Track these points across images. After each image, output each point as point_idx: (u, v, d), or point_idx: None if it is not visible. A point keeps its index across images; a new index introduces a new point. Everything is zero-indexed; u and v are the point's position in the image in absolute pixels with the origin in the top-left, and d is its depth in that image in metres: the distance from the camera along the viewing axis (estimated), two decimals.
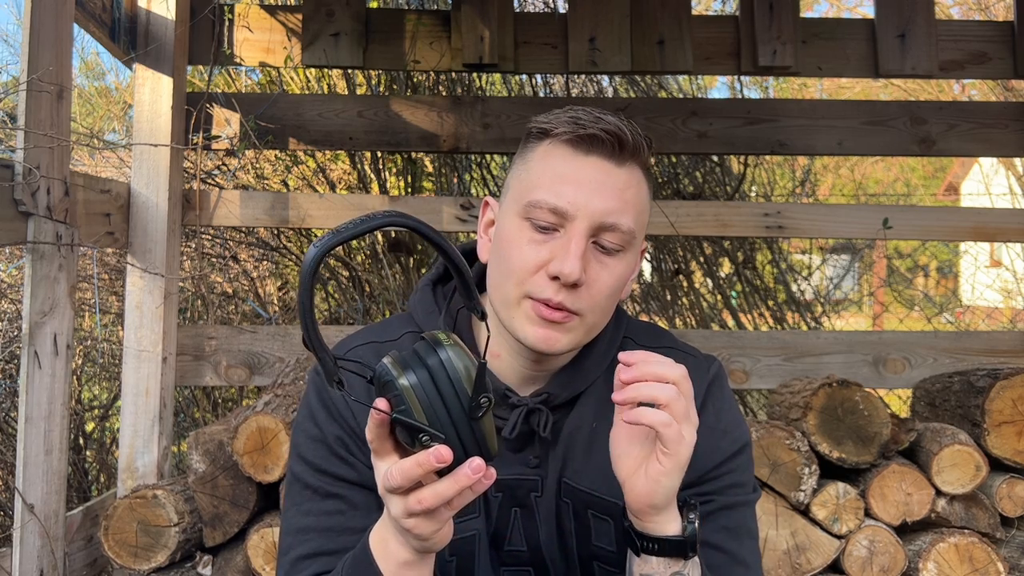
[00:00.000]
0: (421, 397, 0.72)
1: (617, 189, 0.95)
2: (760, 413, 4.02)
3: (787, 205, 2.73)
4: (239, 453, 1.95)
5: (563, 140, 0.96)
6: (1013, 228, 2.73)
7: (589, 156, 0.95)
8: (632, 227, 0.96)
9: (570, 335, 0.95)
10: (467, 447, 0.74)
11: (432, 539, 0.79)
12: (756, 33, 2.67)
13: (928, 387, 2.46)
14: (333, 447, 0.99)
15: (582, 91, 3.89)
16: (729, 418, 1.05)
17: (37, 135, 1.80)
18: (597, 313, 0.96)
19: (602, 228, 0.94)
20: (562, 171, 0.95)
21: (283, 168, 3.81)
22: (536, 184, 0.96)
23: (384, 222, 0.73)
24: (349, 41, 2.63)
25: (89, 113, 4.64)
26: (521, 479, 1.00)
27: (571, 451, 1.01)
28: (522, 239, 0.94)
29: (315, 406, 1.02)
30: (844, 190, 7.76)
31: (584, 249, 0.92)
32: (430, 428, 0.72)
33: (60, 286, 1.90)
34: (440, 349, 0.74)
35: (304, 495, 1.00)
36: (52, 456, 1.88)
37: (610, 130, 0.94)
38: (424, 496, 0.74)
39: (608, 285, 0.95)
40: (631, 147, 0.96)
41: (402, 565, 0.82)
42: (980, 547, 1.97)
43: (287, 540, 1.00)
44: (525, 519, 1.00)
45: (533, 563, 1.00)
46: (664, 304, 3.96)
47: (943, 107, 2.77)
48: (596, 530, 1.00)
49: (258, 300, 3.74)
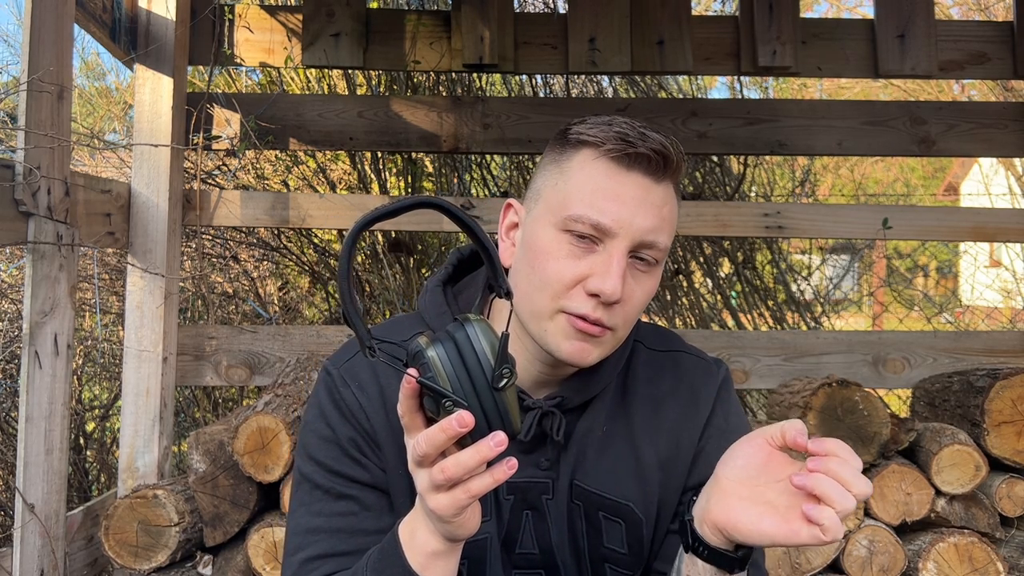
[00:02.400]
0: (447, 366, 0.76)
1: (656, 206, 0.94)
2: (760, 413, 4.02)
3: (787, 205, 2.73)
4: (239, 453, 1.95)
5: (607, 154, 0.94)
6: (1013, 228, 2.73)
7: (631, 172, 0.94)
8: (667, 243, 0.97)
9: (601, 348, 0.96)
10: (490, 418, 0.76)
11: (457, 523, 0.79)
12: (756, 33, 2.67)
13: (928, 387, 2.46)
14: (346, 448, 0.98)
15: (582, 91, 3.89)
16: (736, 420, 1.06)
17: (37, 135, 1.81)
18: (628, 327, 0.98)
19: (642, 246, 0.94)
20: (604, 186, 0.93)
21: (283, 168, 3.81)
22: (576, 197, 0.94)
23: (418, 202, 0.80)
24: (349, 41, 2.63)
25: (89, 113, 4.64)
26: (533, 482, 1.00)
27: (583, 454, 1.01)
28: (560, 252, 0.93)
29: (327, 406, 1.01)
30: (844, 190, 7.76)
31: (625, 268, 0.92)
32: (453, 395, 0.75)
33: (60, 286, 1.90)
34: (468, 325, 0.78)
35: (315, 496, 0.99)
36: (52, 456, 1.88)
37: (656, 149, 0.93)
38: (447, 465, 0.75)
39: (641, 301, 0.96)
40: (674, 166, 0.96)
41: (431, 555, 0.83)
42: (980, 547, 1.97)
43: (295, 540, 0.99)
44: (536, 521, 1.00)
45: (544, 566, 1.00)
46: (664, 304, 3.96)
47: (943, 107, 2.77)
48: (607, 532, 1.00)
49: (258, 300, 3.74)
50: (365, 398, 0.99)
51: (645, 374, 1.06)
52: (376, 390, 1.00)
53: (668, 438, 1.02)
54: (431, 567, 0.83)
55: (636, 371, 1.06)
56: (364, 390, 0.99)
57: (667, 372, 1.06)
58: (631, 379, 1.05)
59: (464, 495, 0.76)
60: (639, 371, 1.06)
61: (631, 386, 1.05)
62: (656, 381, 1.05)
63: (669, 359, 1.08)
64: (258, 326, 2.69)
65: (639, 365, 1.06)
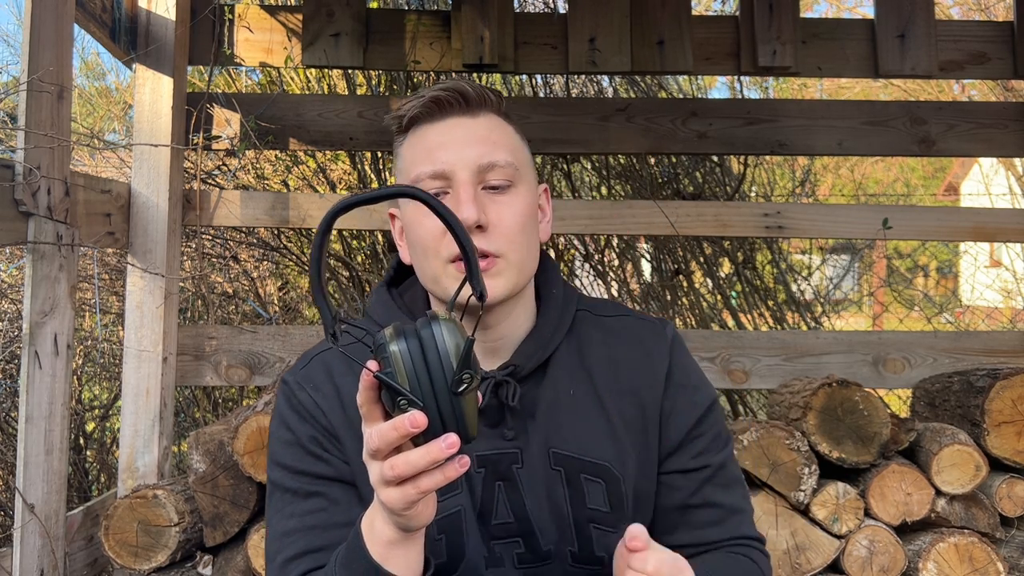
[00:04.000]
0: (407, 364, 0.74)
1: (480, 135, 1.01)
2: (760, 413, 4.02)
3: (787, 205, 2.73)
4: (239, 453, 1.96)
5: (414, 117, 1.03)
6: (1013, 228, 2.73)
7: (444, 119, 1.02)
8: (510, 160, 1.01)
9: (502, 278, 0.99)
10: (445, 421, 0.75)
11: (408, 516, 0.80)
12: (756, 33, 2.67)
13: (928, 387, 2.46)
14: (307, 447, 1.02)
15: (582, 91, 3.89)
16: (696, 375, 1.10)
17: (37, 135, 1.81)
18: (517, 249, 1.00)
19: (483, 170, 1.00)
20: (428, 141, 1.02)
21: (283, 168, 3.81)
22: (412, 164, 1.02)
23: (395, 192, 0.80)
24: (349, 41, 2.63)
25: (89, 113, 4.64)
26: (501, 453, 1.02)
27: (555, 420, 1.03)
28: (419, 217, 1.00)
29: (285, 412, 1.04)
30: (844, 190, 7.77)
31: (474, 194, 0.98)
32: (409, 394, 0.74)
33: (60, 286, 1.90)
34: (435, 324, 0.76)
35: (285, 499, 1.02)
36: (52, 456, 1.88)
37: (449, 88, 1.01)
38: (397, 462, 0.75)
39: (514, 220, 1.00)
40: (476, 98, 1.02)
41: (387, 544, 0.84)
42: (980, 547, 1.97)
43: (273, 546, 1.01)
44: (509, 491, 1.02)
45: (521, 533, 1.02)
46: (664, 304, 3.96)
47: (943, 107, 2.77)
48: (590, 493, 1.02)
49: (258, 300, 3.74)
50: (320, 397, 1.03)
51: (597, 337, 1.09)
52: (331, 389, 1.03)
53: (631, 400, 1.06)
54: (391, 557, 0.84)
55: (587, 336, 1.09)
56: (319, 390, 1.03)
57: (617, 335, 1.10)
58: (585, 343, 1.08)
59: (414, 491, 0.77)
60: (592, 335, 1.09)
61: (586, 350, 1.08)
62: (609, 344, 1.09)
63: (617, 323, 1.11)
64: (258, 326, 2.69)
65: (588, 330, 1.10)
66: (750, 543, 1.07)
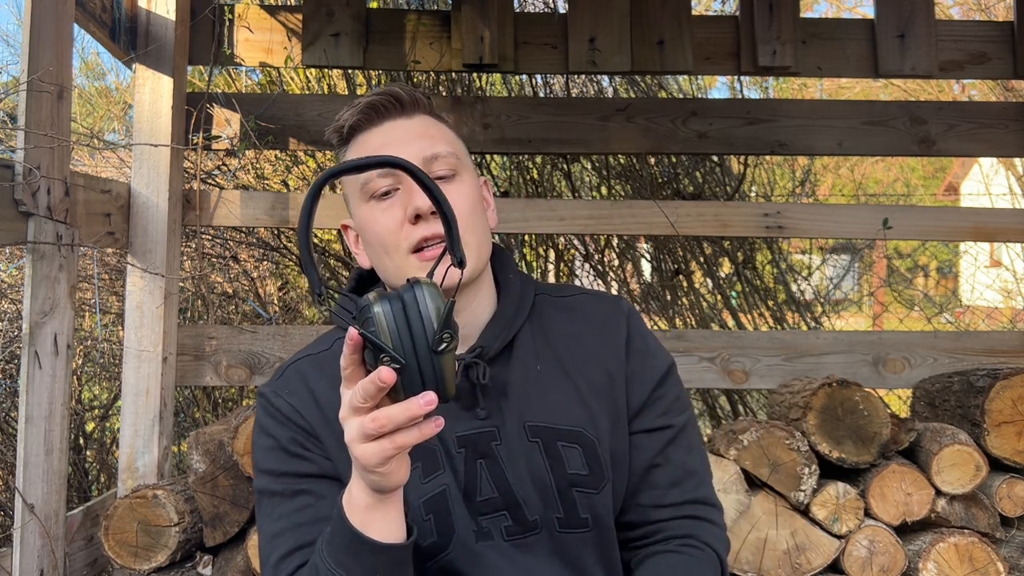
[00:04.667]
0: (390, 323, 0.78)
1: (418, 133, 1.07)
2: (760, 413, 4.02)
3: (787, 205, 2.73)
4: (239, 453, 1.96)
5: (355, 127, 1.08)
6: (1013, 228, 2.73)
7: (382, 123, 1.08)
8: (451, 150, 1.08)
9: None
10: (425, 378, 0.79)
11: (382, 473, 0.82)
12: (756, 33, 2.66)
13: (928, 387, 2.46)
14: (288, 448, 1.04)
15: (582, 91, 3.89)
16: (653, 342, 1.16)
17: (37, 135, 1.80)
18: (473, 232, 1.05)
19: (427, 161, 1.05)
20: (371, 145, 1.07)
21: (283, 168, 3.81)
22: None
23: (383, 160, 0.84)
24: (349, 41, 2.63)
25: (89, 113, 4.64)
26: (479, 433, 1.05)
27: (525, 395, 1.07)
28: (374, 215, 1.05)
29: (264, 420, 1.08)
30: (844, 190, 7.77)
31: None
32: (392, 351, 0.77)
33: (60, 286, 1.90)
34: (417, 287, 0.80)
35: (272, 503, 1.04)
36: (52, 456, 1.88)
37: (384, 93, 1.07)
38: (378, 415, 0.78)
39: (465, 204, 1.05)
40: (409, 101, 1.08)
41: (365, 509, 0.87)
42: (980, 547, 1.97)
43: (266, 548, 1.04)
44: (491, 468, 1.04)
45: (507, 507, 1.04)
46: (664, 304, 3.96)
47: (943, 107, 2.77)
48: (568, 459, 1.05)
49: (258, 300, 3.74)
50: (296, 399, 1.06)
51: (558, 317, 1.15)
52: (306, 391, 1.07)
53: (596, 367, 1.11)
54: (370, 523, 0.87)
55: (549, 316, 1.15)
56: (295, 394, 1.07)
57: (577, 312, 1.16)
58: (547, 323, 1.14)
59: (390, 445, 0.79)
60: (552, 315, 1.15)
61: (549, 328, 1.13)
62: (570, 321, 1.14)
63: (575, 302, 1.18)
64: (258, 326, 2.69)
65: (549, 311, 1.15)
66: (707, 508, 1.11)
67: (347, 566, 0.88)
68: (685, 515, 1.09)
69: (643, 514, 1.09)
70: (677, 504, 1.09)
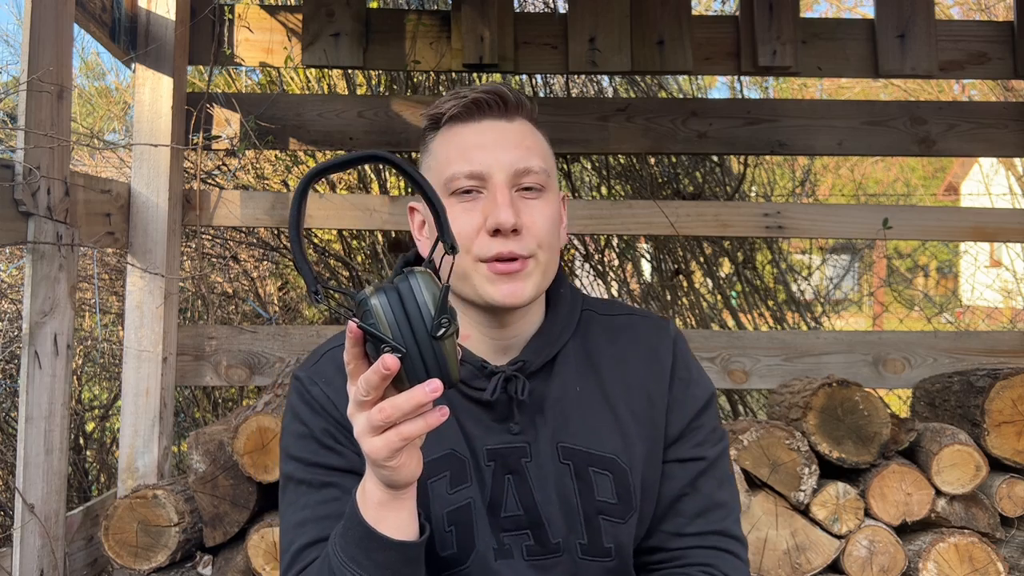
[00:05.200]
0: (387, 314, 0.79)
1: (516, 140, 1.05)
2: (760, 413, 4.02)
3: (787, 205, 2.73)
4: (239, 453, 1.95)
5: (453, 117, 1.05)
6: (1013, 228, 2.73)
7: (481, 121, 1.05)
8: (543, 166, 1.05)
9: (530, 281, 1.02)
10: (428, 365, 0.79)
11: (392, 467, 0.83)
12: (756, 33, 2.67)
13: (928, 387, 2.46)
14: (321, 439, 1.04)
15: (582, 91, 3.89)
16: (696, 370, 1.14)
17: (37, 135, 1.80)
18: (545, 253, 1.04)
19: (518, 174, 1.03)
20: (464, 141, 1.04)
21: (283, 168, 3.81)
22: (446, 162, 1.04)
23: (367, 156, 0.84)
24: (349, 41, 2.63)
25: (89, 113, 4.64)
26: (509, 447, 1.04)
27: (563, 415, 1.06)
28: (453, 213, 1.01)
29: (298, 406, 1.07)
30: (844, 190, 7.76)
31: (510, 197, 1.01)
32: (392, 341, 0.78)
33: (60, 286, 1.90)
34: (412, 277, 0.81)
35: (299, 491, 1.04)
36: (52, 456, 1.88)
37: (490, 91, 1.04)
38: (384, 405, 0.79)
39: (544, 224, 1.03)
40: (514, 103, 1.06)
41: (378, 505, 0.87)
42: (980, 547, 1.97)
43: (287, 537, 1.03)
44: (519, 484, 1.04)
45: (530, 525, 1.04)
46: (664, 304, 3.96)
47: (943, 107, 2.77)
48: (598, 486, 1.05)
49: (258, 300, 3.74)
50: (332, 391, 1.04)
51: (604, 337, 1.13)
52: (342, 382, 1.03)
53: (639, 394, 1.09)
54: (383, 520, 0.87)
55: (595, 335, 1.13)
56: (331, 384, 1.05)
57: (623, 333, 1.13)
58: (591, 343, 1.12)
59: (396, 437, 0.80)
60: (597, 335, 1.13)
61: (593, 349, 1.11)
62: (616, 342, 1.12)
63: (621, 322, 1.15)
64: (258, 326, 2.69)
65: (595, 330, 1.13)
66: (730, 541, 1.09)
67: (358, 560, 0.88)
68: (708, 545, 1.08)
69: (665, 540, 1.08)
70: (701, 534, 1.08)
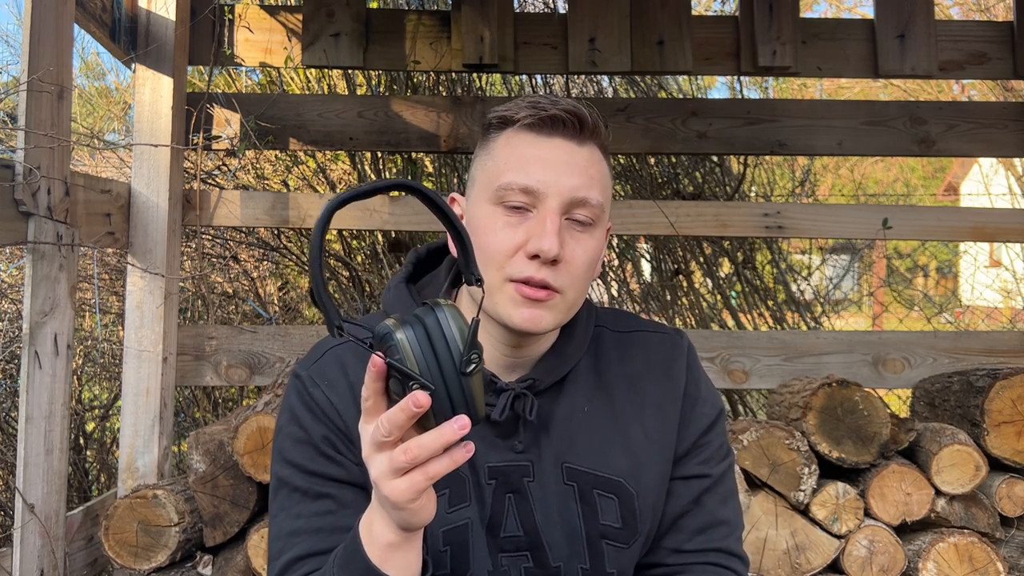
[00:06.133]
0: (415, 350, 0.75)
1: (582, 166, 0.98)
2: (760, 413, 4.02)
3: (787, 205, 2.73)
4: (239, 453, 1.96)
5: (525, 125, 0.99)
6: (1013, 228, 2.73)
7: (552, 137, 0.99)
8: (601, 201, 0.99)
9: (553, 312, 0.97)
10: (455, 402, 0.76)
11: (412, 509, 0.78)
12: (756, 33, 2.67)
13: (928, 387, 2.46)
14: (320, 447, 0.99)
15: (582, 91, 3.89)
16: (706, 386, 1.11)
17: (37, 135, 1.81)
18: (576, 289, 0.99)
19: (573, 204, 0.97)
20: (528, 153, 0.98)
21: (283, 168, 3.81)
22: (504, 168, 0.98)
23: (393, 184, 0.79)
24: (349, 41, 2.63)
25: (89, 113, 4.64)
26: (512, 465, 1.01)
27: (570, 435, 1.03)
28: (496, 224, 0.97)
29: (298, 409, 1.01)
30: (844, 190, 7.76)
31: (560, 226, 0.95)
32: (420, 377, 0.74)
33: (60, 286, 1.90)
34: (438, 310, 0.77)
35: (293, 498, 1.00)
36: (52, 456, 1.88)
37: (570, 111, 0.98)
38: (410, 446, 0.74)
39: (584, 260, 0.98)
40: (591, 127, 1.00)
41: (387, 547, 0.82)
42: (980, 547, 1.97)
43: (277, 544, 0.99)
44: (520, 504, 1.01)
45: (530, 547, 1.01)
46: (664, 304, 3.96)
47: (943, 107, 2.77)
48: (603, 509, 1.02)
49: (258, 300, 3.74)
50: (335, 395, 1.00)
51: (616, 355, 1.09)
52: (346, 386, 1.00)
53: (654, 413, 1.06)
54: (389, 560, 0.83)
55: (606, 353, 1.09)
56: (334, 388, 1.00)
57: (636, 350, 1.09)
58: (603, 361, 1.08)
59: (422, 478, 0.75)
60: (609, 353, 1.09)
61: (604, 367, 1.07)
62: (628, 360, 1.09)
63: (635, 338, 1.11)
64: (258, 326, 2.69)
65: (607, 347, 1.09)
66: (730, 559, 1.07)
67: None
68: (708, 562, 1.05)
69: (665, 556, 1.06)
70: (702, 551, 1.06)
